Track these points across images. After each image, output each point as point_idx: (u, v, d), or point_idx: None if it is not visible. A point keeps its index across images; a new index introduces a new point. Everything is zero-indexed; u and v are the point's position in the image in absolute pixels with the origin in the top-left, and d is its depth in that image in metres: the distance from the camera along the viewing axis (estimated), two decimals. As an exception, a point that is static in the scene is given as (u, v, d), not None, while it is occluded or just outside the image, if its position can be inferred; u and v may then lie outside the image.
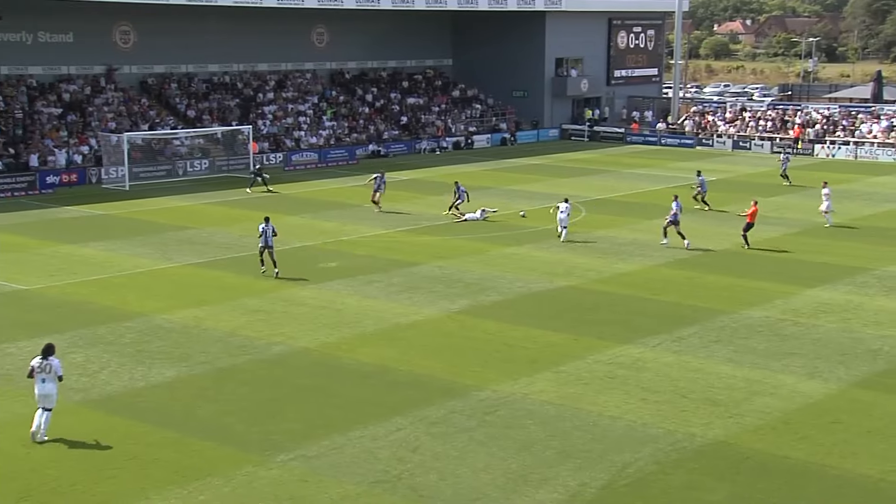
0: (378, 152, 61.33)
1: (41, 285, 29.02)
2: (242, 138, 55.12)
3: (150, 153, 52.18)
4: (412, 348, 23.49)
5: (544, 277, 30.49)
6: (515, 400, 20.10)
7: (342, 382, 21.18)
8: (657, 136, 70.60)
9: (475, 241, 35.94)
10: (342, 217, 40.49)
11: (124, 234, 36.53)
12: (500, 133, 69.81)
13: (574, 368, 22.04)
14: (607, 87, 78.01)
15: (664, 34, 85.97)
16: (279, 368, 22.03)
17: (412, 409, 19.53)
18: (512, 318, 26.05)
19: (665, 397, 20.32)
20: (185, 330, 24.70)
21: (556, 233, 36.09)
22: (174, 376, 21.35)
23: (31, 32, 53.06)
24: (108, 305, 26.86)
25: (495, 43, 72.53)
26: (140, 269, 31.24)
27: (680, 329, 25.12)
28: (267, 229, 29.88)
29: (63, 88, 53.60)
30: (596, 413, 19.42)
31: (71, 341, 23.59)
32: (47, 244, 34.83)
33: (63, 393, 20.06)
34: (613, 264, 32.39)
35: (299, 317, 25.96)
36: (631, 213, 41.89)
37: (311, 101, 63.80)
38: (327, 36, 67.62)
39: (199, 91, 59.33)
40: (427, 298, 27.90)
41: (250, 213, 41.23)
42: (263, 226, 29.99)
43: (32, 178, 46.57)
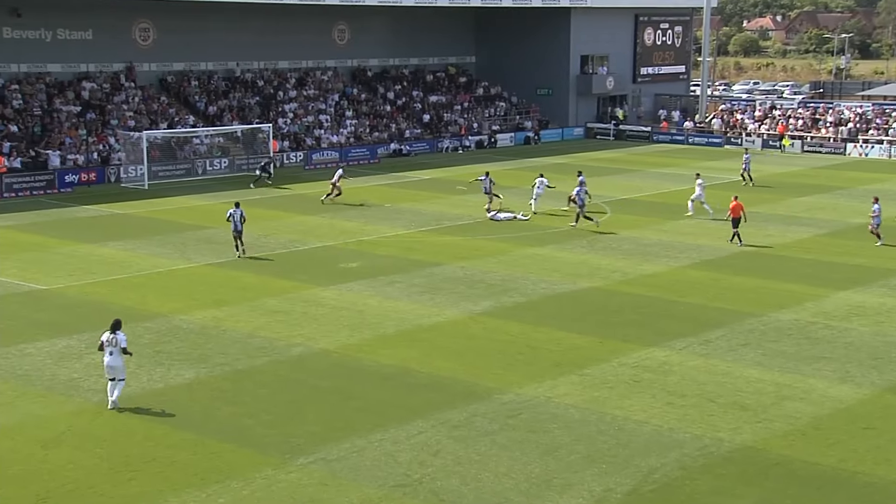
0: (400, 151, 61.42)
1: (60, 285, 29.26)
2: (262, 137, 55.32)
3: (169, 152, 52.47)
4: (434, 350, 23.51)
5: (568, 279, 30.43)
6: (539, 403, 20.08)
7: (363, 384, 21.23)
8: (684, 134, 70.32)
9: (498, 241, 35.93)
10: (363, 217, 40.59)
11: (143, 234, 36.76)
12: (524, 132, 69.74)
13: (599, 371, 21.99)
14: (633, 84, 77.79)
15: (692, 31, 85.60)
16: (299, 370, 22.10)
17: (434, 411, 19.55)
18: (535, 319, 26.02)
19: (692, 401, 20.23)
20: (203, 331, 24.83)
21: (581, 232, 36.00)
22: (193, 378, 21.47)
23: (50, 30, 53.50)
24: (126, 306, 27.04)
25: (519, 40, 72.48)
26: (159, 269, 31.43)
27: (707, 332, 25.01)
28: (235, 214, 32.13)
29: (82, 86, 54.00)
30: (621, 417, 19.37)
31: (89, 342, 23.75)
32: (66, 243, 35.11)
33: (82, 394, 20.24)
34: (638, 265, 32.29)
35: (319, 318, 26.03)
36: (656, 213, 41.74)
37: (332, 99, 63.97)
38: (349, 33, 67.78)
39: (219, 89, 59.64)
40: (449, 299, 27.92)
41: (270, 212, 41.42)
42: (232, 211, 32.26)
43: (51, 177, 46.95)
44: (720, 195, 43.43)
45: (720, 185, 49.12)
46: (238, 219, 32.24)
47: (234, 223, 32.27)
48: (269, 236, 36.53)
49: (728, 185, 49.03)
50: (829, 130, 66.25)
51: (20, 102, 50.87)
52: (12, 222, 39.04)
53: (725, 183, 50.10)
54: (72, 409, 19.63)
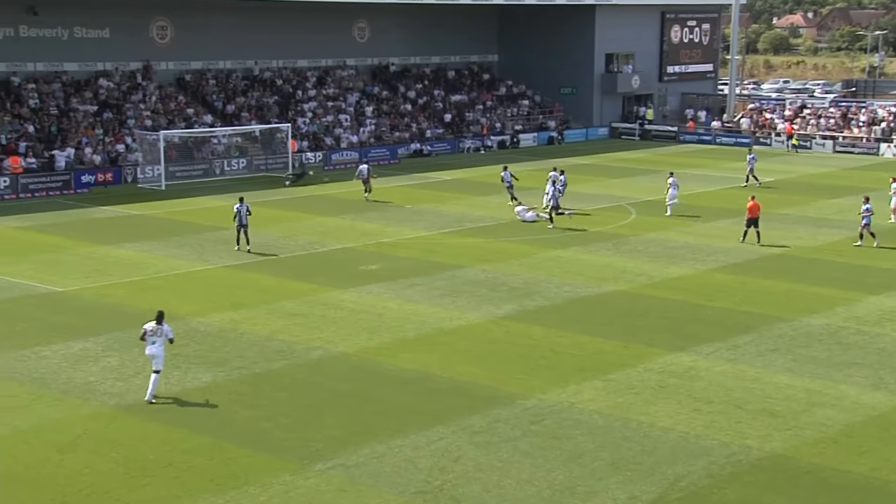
0: (421, 151, 61.48)
1: (76, 287, 29.46)
2: (281, 136, 55.52)
3: (186, 152, 52.74)
4: (455, 354, 23.51)
5: (592, 282, 30.38)
6: (562, 409, 20.05)
7: (382, 389, 21.26)
8: (712, 134, 70.04)
9: (520, 243, 35.90)
10: (384, 218, 40.65)
11: (160, 235, 36.97)
12: (548, 131, 69.67)
13: (624, 377, 21.93)
14: (659, 83, 77.55)
15: (720, 28, 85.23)
16: (317, 374, 22.16)
17: (455, 417, 19.55)
18: (559, 323, 25.98)
19: (719, 408, 20.15)
20: (221, 334, 24.93)
21: (605, 234, 35.93)
22: (210, 381, 21.57)
23: (67, 28, 53.90)
24: (143, 308, 27.16)
25: (543, 38, 72.41)
26: (176, 271, 31.59)
27: (735, 336, 24.90)
28: (241, 209, 33.42)
29: (99, 85, 54.37)
30: (647, 424, 19.31)
31: (106, 344, 23.92)
32: (82, 245, 35.35)
33: (98, 398, 20.38)
34: (665, 268, 32.18)
35: (338, 321, 26.10)
36: (682, 215, 41.56)
37: (352, 98, 64.11)
38: (369, 31, 67.93)
39: (237, 88, 59.90)
40: (471, 303, 27.92)
41: (289, 213, 41.56)
42: (238, 206, 33.54)
43: (67, 178, 47.28)
44: (776, 198, 43.25)
45: (751, 186, 48.85)
46: (244, 213, 33.60)
47: (240, 217, 33.55)
48: (288, 238, 36.64)
49: (761, 186, 48.78)
50: (862, 130, 65.81)
51: (36, 102, 51.27)
52: (28, 223, 39.35)
53: (754, 185, 49.81)
54: (88, 412, 19.76)
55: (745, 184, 48.95)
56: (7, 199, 44.85)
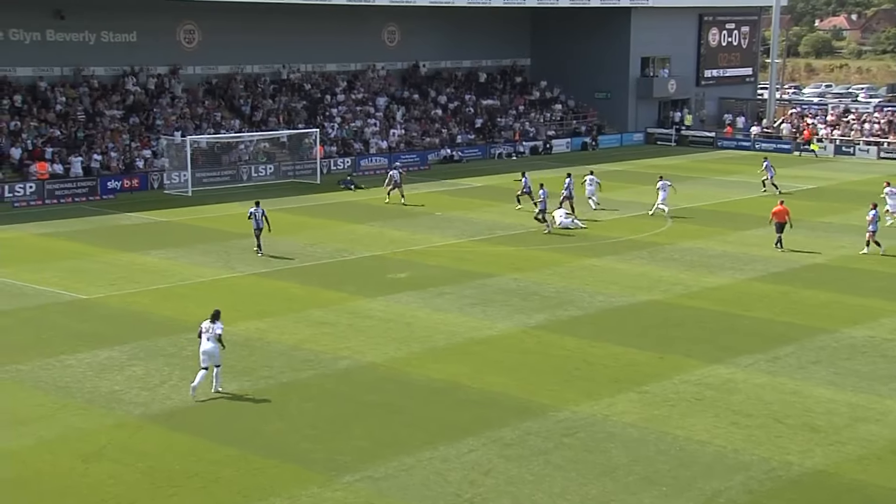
0: (451, 157, 61.55)
1: (101, 294, 29.74)
2: (309, 142, 55.78)
3: (213, 157, 53.07)
4: (485, 365, 23.51)
5: (627, 291, 30.28)
6: (596, 422, 19.99)
7: (411, 400, 21.29)
8: (751, 140, 69.62)
9: (553, 251, 35.85)
10: (413, 225, 40.73)
11: (186, 242, 37.24)
12: (581, 137, 69.53)
13: (659, 389, 21.84)
14: (697, 87, 77.22)
15: (760, 31, 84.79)
16: (345, 384, 22.23)
17: (485, 429, 19.54)
18: (592, 334, 25.92)
19: (758, 422, 20.01)
20: (247, 343, 25.07)
21: (640, 242, 35.80)
22: (236, 391, 21.68)
23: (94, 32, 54.44)
24: (169, 316, 27.40)
25: (577, 41, 72.34)
26: (202, 279, 31.81)
27: (775, 348, 24.73)
28: (256, 212, 34.39)
29: (126, 89, 54.88)
30: (683, 437, 19.21)
31: (131, 353, 24.12)
32: (107, 252, 35.67)
33: (123, 407, 20.56)
34: (701, 278, 32.03)
35: (367, 330, 26.17)
36: (720, 223, 41.39)
37: (382, 102, 64.32)
38: (399, 34, 68.16)
39: (265, 92, 60.27)
40: (502, 312, 27.91)
41: (316, 220, 41.74)
42: (253, 209, 34.54)
43: (93, 184, 47.73)
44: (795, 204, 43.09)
45: (792, 193, 48.51)
46: (259, 217, 34.35)
47: (256, 221, 34.30)
48: (316, 245, 36.80)
49: (802, 193, 48.46)
50: (907, 136, 65.13)
51: (63, 106, 51.82)
52: (54, 230, 39.78)
53: (796, 191, 49.50)
54: (113, 422, 19.93)
55: (764, 190, 48.87)
56: (33, 206, 45.33)
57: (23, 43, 52.00)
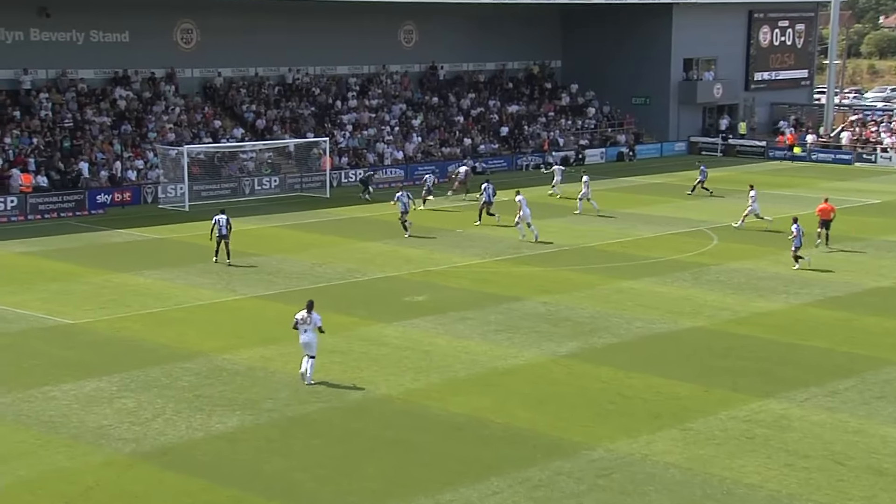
0: (473, 168, 61.55)
1: (89, 319, 29.87)
2: (318, 152, 55.99)
3: (212, 169, 53.36)
4: (511, 397, 23.47)
5: (668, 317, 30.19)
6: (634, 461, 19.92)
7: (429, 436, 21.27)
8: (806, 150, 69.42)
9: (586, 272, 35.81)
10: (431, 244, 40.78)
11: (183, 262, 37.40)
12: (617, 146, 69.53)
13: (704, 426, 21.74)
14: (745, 92, 77.13)
15: (817, 28, 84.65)
16: (357, 419, 22.23)
17: (511, 469, 19.50)
18: (629, 364, 25.85)
19: (816, 463, 19.89)
20: (250, 372, 25.12)
21: (683, 263, 35.71)
22: (237, 426, 21.72)
23: (82, 31, 54.81)
24: (163, 343, 27.49)
25: (612, 41, 72.42)
26: (200, 302, 31.92)
27: (834, 382, 24.58)
28: (220, 219, 36.30)
29: (117, 94, 55.28)
30: (730, 480, 19.11)
31: (121, 384, 24.20)
32: (96, 272, 35.85)
33: (112, 444, 20.62)
34: (751, 302, 31.90)
35: (381, 359, 26.18)
36: (773, 241, 41.22)
37: (398, 108, 64.55)
38: (417, 34, 68.45)
39: (270, 97, 60.61)
40: (529, 339, 27.88)
41: (326, 237, 41.84)
42: (217, 216, 36.43)
43: (81, 198, 48.02)
44: (857, 221, 42.87)
45: (854, 208, 48.33)
46: (224, 224, 36.34)
47: (220, 228, 36.29)
48: (325, 265, 36.90)
49: (865, 209, 48.23)
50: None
51: (48, 113, 52.23)
52: (37, 248, 40.04)
53: (859, 206, 49.29)
54: (100, 460, 19.97)
55: (691, 192, 52.75)
56: (14, 221, 45.65)
57: (4, 43, 52.40)
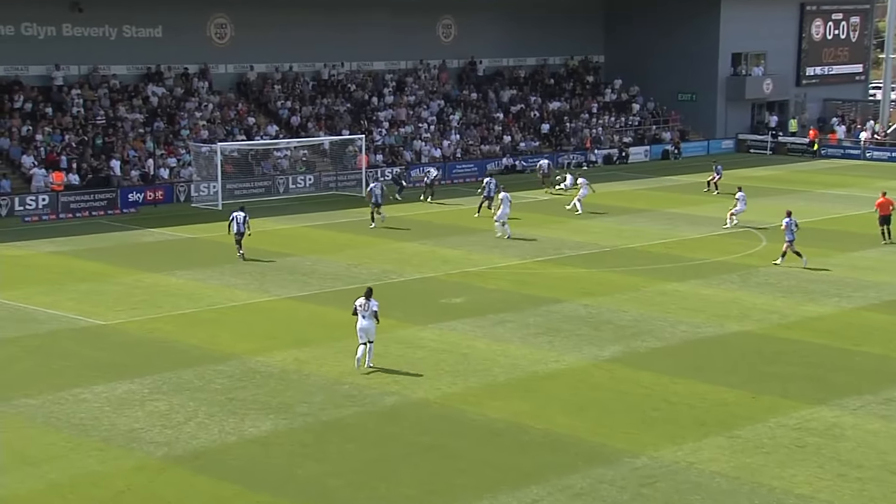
0: (513, 167, 61.54)
1: (120, 320, 30.10)
2: (353, 150, 56.08)
3: (246, 167, 53.57)
4: (551, 403, 23.42)
5: (714, 320, 30.02)
6: (679, 470, 19.82)
7: (467, 441, 21.26)
8: (860, 148, 68.79)
9: (628, 274, 35.67)
10: (469, 244, 40.76)
11: (216, 262, 37.59)
12: (662, 144, 69.19)
13: (752, 433, 21.60)
14: (797, 87, 76.54)
15: (873, 21, 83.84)
16: (393, 423, 22.26)
17: (551, 476, 19.45)
18: (674, 369, 25.72)
19: (870, 474, 19.70)
20: (284, 375, 25.22)
21: (730, 264, 35.48)
22: (271, 430, 21.80)
23: (115, 27, 55.22)
24: (195, 345, 27.65)
25: (657, 35, 72.06)
26: (234, 303, 32.08)
27: (889, 389, 24.35)
28: (238, 216, 37.05)
29: (150, 91, 55.67)
30: (780, 490, 18.97)
31: (153, 386, 24.36)
32: (128, 272, 36.11)
33: (143, 447, 20.77)
34: (801, 305, 31.66)
35: (417, 362, 26.20)
36: (824, 242, 40.90)
37: (436, 105, 64.57)
38: (455, 28, 68.45)
39: (305, 94, 60.81)
40: (570, 343, 27.81)
41: (361, 238, 41.92)
42: (235, 213, 37.28)
43: (113, 196, 48.41)
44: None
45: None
46: (241, 221, 37.03)
47: (238, 225, 37.03)
48: (360, 266, 36.98)
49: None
50: None
51: (80, 109, 52.67)
52: (69, 247, 40.39)
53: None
54: (132, 464, 20.11)
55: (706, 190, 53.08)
56: (45, 220, 46.05)
57: (35, 38, 52.91)
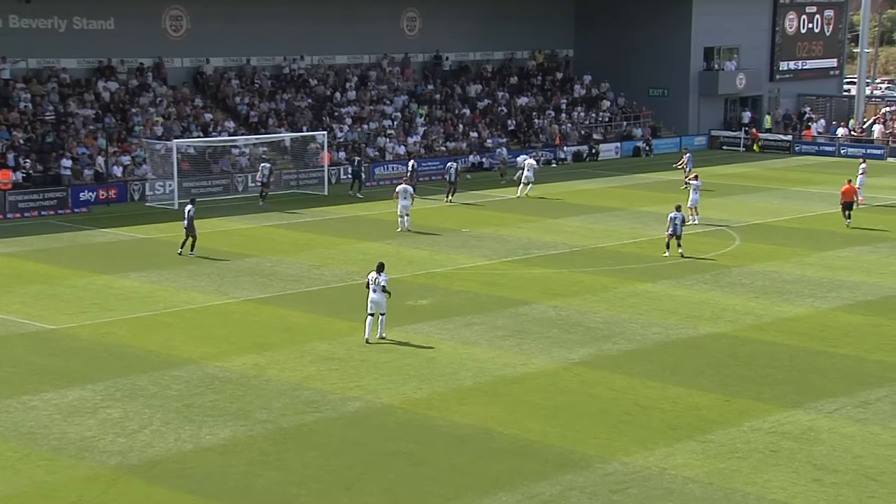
0: (480, 164, 61.63)
1: (71, 324, 29.90)
2: (315, 147, 55.98)
3: (203, 164, 53.39)
4: (520, 407, 23.47)
5: (687, 322, 30.17)
6: (650, 476, 19.91)
7: (433, 448, 21.27)
8: (835, 145, 69.37)
9: (599, 274, 35.80)
10: (435, 244, 40.79)
11: (172, 263, 37.43)
12: (633, 141, 69.49)
13: (725, 438, 21.73)
14: (770, 83, 77.08)
15: (847, 15, 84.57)
16: (356, 429, 22.24)
17: (520, 483, 19.49)
18: (646, 372, 25.84)
19: (846, 478, 19.86)
20: (243, 380, 25.14)
21: (703, 264, 35.69)
22: (229, 437, 21.73)
23: (65, 18, 54.80)
24: (151, 350, 27.51)
25: (628, 29, 72.39)
26: (190, 306, 31.95)
27: (864, 391, 24.55)
28: (191, 210, 37.95)
29: (101, 86, 55.34)
30: (754, 496, 19.09)
31: (106, 393, 24.22)
32: (79, 274, 35.88)
33: (96, 457, 20.64)
34: (775, 306, 31.88)
35: (382, 366, 26.19)
36: (798, 241, 41.23)
37: (400, 101, 64.56)
38: (420, 21, 68.45)
39: (264, 89, 60.64)
40: (539, 346, 27.88)
41: (324, 238, 41.86)
42: (188, 207, 38.12)
43: (63, 195, 48.07)
44: (890, 220, 42.82)
45: (887, 206, 48.27)
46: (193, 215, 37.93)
47: (188, 219, 37.87)
48: (323, 267, 36.91)
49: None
50: None
51: (28, 105, 52.27)
52: (17, 248, 40.08)
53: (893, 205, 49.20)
54: (84, 474, 19.97)
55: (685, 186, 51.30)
56: (-7, 220, 45.71)
57: (-19, 31, 52.58)
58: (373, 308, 27.60)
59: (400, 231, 42.48)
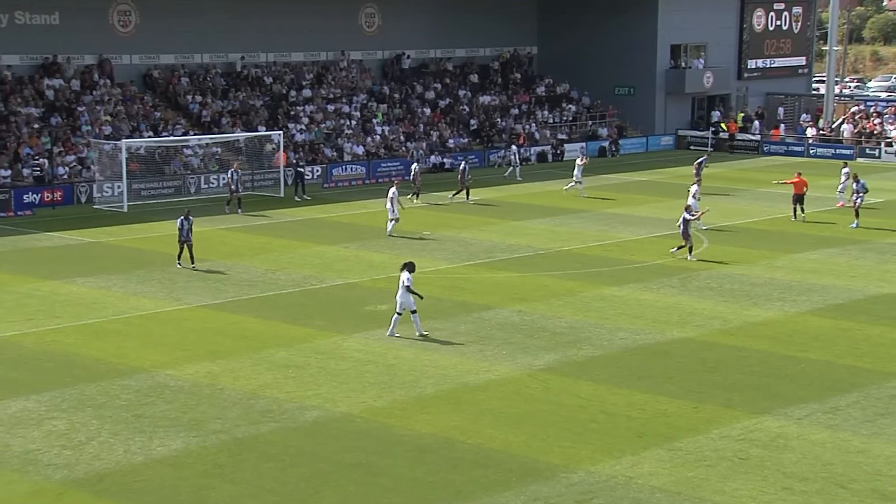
0: (441, 165, 61.68)
1: (14, 332, 29.64)
2: (271, 147, 55.82)
3: (154, 165, 53.12)
4: (483, 416, 23.49)
5: (654, 327, 30.31)
6: (617, 485, 19.98)
7: (394, 458, 21.25)
8: (804, 145, 69.93)
9: (565, 278, 35.91)
10: (395, 247, 40.77)
11: (121, 268, 37.20)
12: (599, 141, 69.76)
13: (693, 445, 21.84)
14: (738, 81, 77.63)
15: (816, 12, 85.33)
16: (314, 440, 22.19)
17: (483, 494, 19.51)
18: (612, 378, 25.93)
19: (816, 486, 20.01)
20: (195, 389, 25.02)
21: (670, 268, 35.90)
22: (181, 449, 21.62)
23: (6, 13, 54.36)
24: (98, 358, 27.32)
25: (593, 26, 72.70)
26: (140, 312, 31.77)
27: (834, 397, 24.74)
28: (184, 223, 36.74)
29: (46, 83, 54.94)
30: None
31: (51, 404, 24.02)
32: (23, 280, 35.61)
33: (41, 470, 20.48)
34: (744, 310, 32.08)
35: (340, 374, 26.14)
36: (767, 244, 41.50)
37: (359, 100, 64.51)
38: (379, 17, 68.44)
39: (217, 87, 60.43)
40: (503, 352, 27.92)
41: (280, 241, 41.74)
42: (181, 220, 36.86)
43: (5, 197, 47.70)
44: (886, 223, 43.15)
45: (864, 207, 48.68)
46: (187, 229, 36.75)
47: (183, 233, 36.66)
48: (279, 271, 36.81)
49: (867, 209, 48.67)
50: None
51: (-30, 104, 51.88)
52: (-41, 253, 39.72)
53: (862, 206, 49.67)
54: (28, 489, 19.80)
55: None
56: (-68, 224, 45.28)
57: (-82, 26, 52.05)
58: (402, 307, 28.57)
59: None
